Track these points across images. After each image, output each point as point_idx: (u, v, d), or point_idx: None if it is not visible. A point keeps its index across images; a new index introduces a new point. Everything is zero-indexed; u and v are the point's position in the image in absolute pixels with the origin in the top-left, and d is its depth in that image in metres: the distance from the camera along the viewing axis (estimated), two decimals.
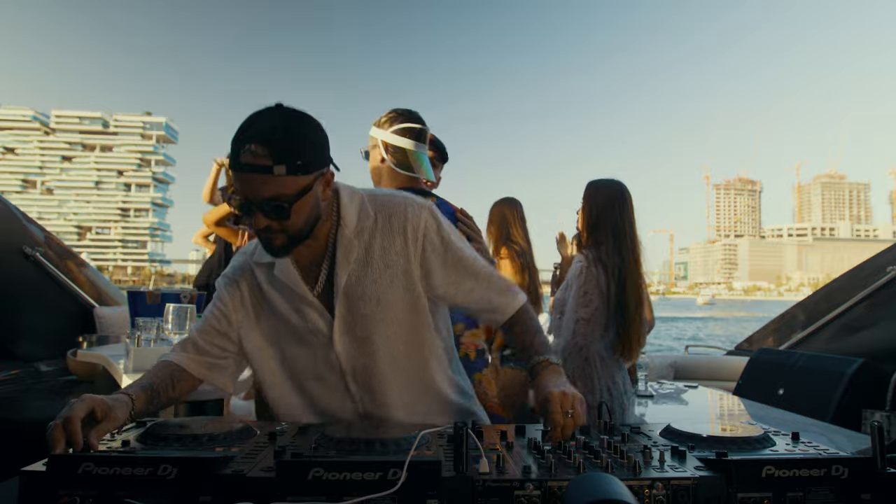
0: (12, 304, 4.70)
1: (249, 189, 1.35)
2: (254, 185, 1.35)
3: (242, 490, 1.00)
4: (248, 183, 1.35)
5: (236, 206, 1.39)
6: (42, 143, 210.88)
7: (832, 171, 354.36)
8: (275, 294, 1.59)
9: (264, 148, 1.33)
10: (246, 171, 1.34)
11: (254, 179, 1.34)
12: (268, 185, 1.34)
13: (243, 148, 1.34)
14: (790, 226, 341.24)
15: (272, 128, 1.35)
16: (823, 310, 4.97)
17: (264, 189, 1.35)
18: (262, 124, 1.36)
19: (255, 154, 1.33)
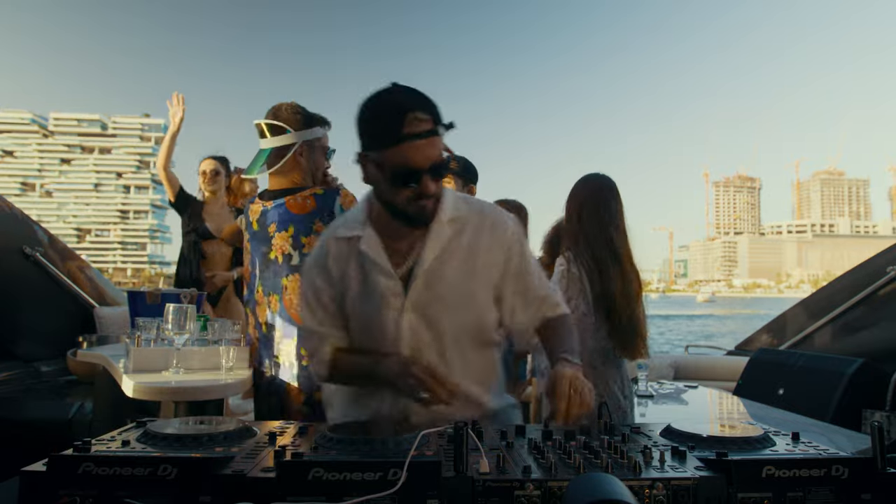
0: (12, 304, 4.71)
1: (421, 156, 1.45)
2: (425, 151, 1.45)
3: (242, 490, 1.00)
4: (420, 149, 1.45)
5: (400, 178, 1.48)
6: (41, 145, 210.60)
7: (831, 167, 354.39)
8: (356, 267, 1.67)
9: (426, 113, 1.45)
10: (418, 137, 1.43)
11: (426, 145, 1.45)
12: (436, 148, 1.47)
13: (406, 117, 1.43)
14: (790, 222, 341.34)
15: (423, 97, 1.48)
16: (823, 310, 4.97)
17: (433, 152, 1.47)
18: (409, 95, 1.48)
19: (421, 120, 1.44)
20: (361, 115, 1.54)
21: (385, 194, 1.58)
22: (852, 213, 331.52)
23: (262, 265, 2.38)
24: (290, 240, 2.28)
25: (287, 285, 2.30)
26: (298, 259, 2.27)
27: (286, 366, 2.35)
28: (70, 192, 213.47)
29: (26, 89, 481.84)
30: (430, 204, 1.55)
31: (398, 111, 1.45)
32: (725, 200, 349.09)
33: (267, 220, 2.34)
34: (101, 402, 3.72)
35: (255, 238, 2.40)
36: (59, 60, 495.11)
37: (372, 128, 1.52)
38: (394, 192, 1.53)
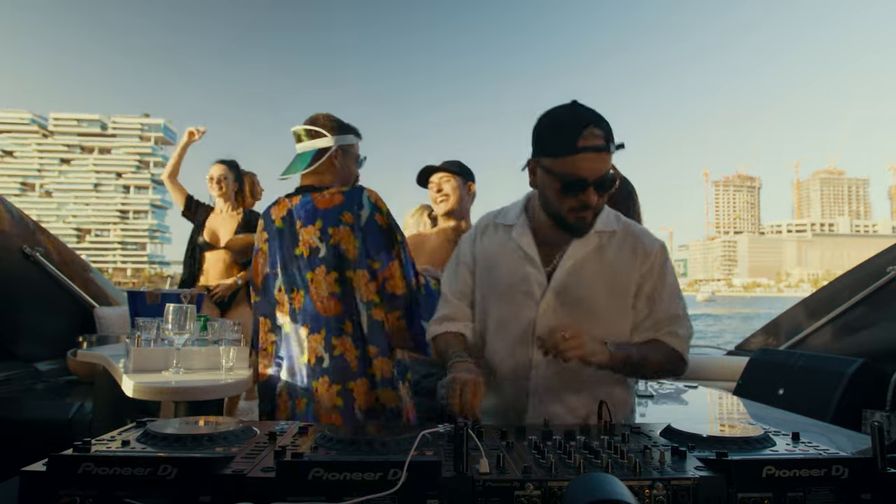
0: (12, 304, 4.71)
1: (591, 168, 1.57)
2: (596, 164, 1.57)
3: (242, 490, 1.00)
4: (592, 162, 1.56)
5: (569, 187, 1.59)
6: (40, 145, 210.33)
7: (831, 166, 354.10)
8: (505, 254, 1.82)
9: (601, 130, 1.57)
10: (591, 150, 1.55)
11: (596, 159, 1.56)
12: (605, 163, 1.58)
13: (583, 131, 1.55)
14: (789, 222, 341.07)
15: (598, 116, 1.59)
16: (823, 310, 4.97)
17: (603, 166, 1.58)
18: (586, 112, 1.59)
19: (596, 136, 1.56)
20: (540, 124, 1.66)
21: (550, 200, 1.68)
22: (852, 213, 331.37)
23: (284, 263, 2.38)
24: (318, 232, 2.28)
25: (312, 278, 2.30)
26: (325, 251, 2.27)
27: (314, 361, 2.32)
28: (70, 192, 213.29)
29: (26, 89, 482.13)
30: (590, 216, 1.67)
31: (578, 124, 1.56)
32: (725, 200, 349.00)
33: (293, 218, 2.36)
34: (101, 402, 3.72)
35: (279, 236, 2.40)
36: (59, 60, 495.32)
37: (550, 136, 1.63)
38: (560, 199, 1.64)
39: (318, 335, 2.29)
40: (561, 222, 1.70)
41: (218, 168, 4.42)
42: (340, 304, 2.27)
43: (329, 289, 2.27)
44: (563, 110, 1.63)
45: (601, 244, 1.77)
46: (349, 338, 2.27)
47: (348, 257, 2.26)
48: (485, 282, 1.86)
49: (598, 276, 1.75)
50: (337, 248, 2.26)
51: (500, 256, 1.82)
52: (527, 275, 1.76)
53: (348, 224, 2.26)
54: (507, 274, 1.79)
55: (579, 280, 1.74)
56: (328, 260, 2.27)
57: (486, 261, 1.85)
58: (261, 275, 2.50)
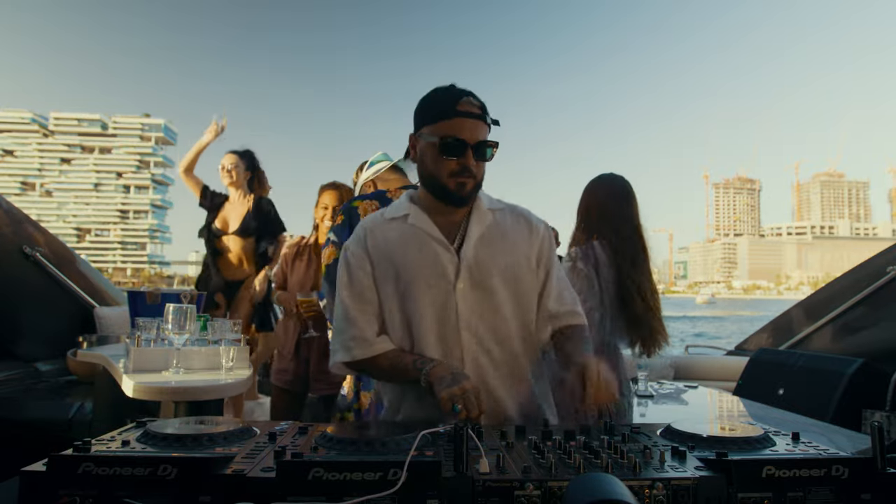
0: (12, 304, 4.71)
1: (469, 131, 1.66)
2: (474, 129, 1.67)
3: (242, 490, 1.00)
4: (470, 126, 1.66)
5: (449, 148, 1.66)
6: (41, 145, 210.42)
7: (831, 169, 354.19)
8: (407, 244, 1.77)
9: (478, 101, 1.70)
10: (468, 116, 1.66)
11: (474, 124, 1.67)
12: (482, 131, 1.69)
13: (462, 99, 1.67)
14: (789, 224, 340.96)
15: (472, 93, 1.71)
16: (823, 310, 4.97)
17: (480, 133, 1.68)
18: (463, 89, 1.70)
19: (473, 105, 1.68)
20: (422, 101, 1.75)
21: (429, 168, 1.73)
22: (852, 216, 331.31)
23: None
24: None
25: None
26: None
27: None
28: (70, 191, 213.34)
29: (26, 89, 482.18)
30: (470, 184, 1.70)
31: (455, 94, 1.69)
32: (725, 202, 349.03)
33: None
34: (101, 402, 3.72)
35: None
36: (59, 60, 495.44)
37: (430, 106, 1.72)
38: (439, 164, 1.70)
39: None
40: (441, 191, 1.73)
41: (229, 158, 4.47)
42: None
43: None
44: (443, 87, 1.74)
45: (496, 219, 1.81)
46: None
47: None
48: (390, 276, 1.77)
49: (504, 250, 1.78)
50: None
51: (403, 246, 1.77)
52: (437, 256, 1.74)
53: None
54: (417, 260, 1.75)
55: (488, 255, 1.75)
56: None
57: (388, 255, 1.78)
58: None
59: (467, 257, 1.73)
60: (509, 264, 1.77)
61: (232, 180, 4.45)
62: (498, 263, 1.75)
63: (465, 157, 1.67)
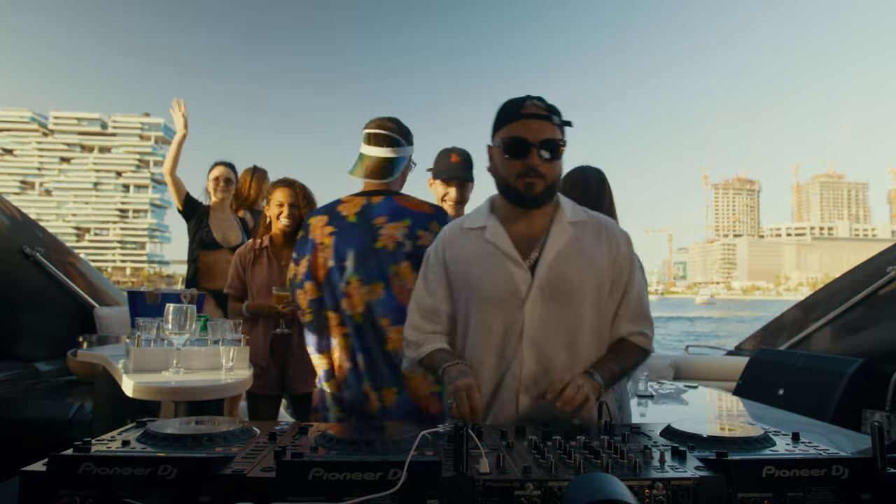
0: (12, 304, 4.71)
1: (533, 131, 1.68)
2: (538, 129, 1.68)
3: (242, 490, 1.00)
4: (534, 126, 1.68)
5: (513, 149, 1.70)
6: (40, 144, 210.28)
7: (831, 170, 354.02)
8: (482, 256, 1.79)
9: (543, 102, 1.72)
10: (532, 117, 1.69)
11: (539, 124, 1.68)
12: (548, 130, 1.69)
13: (525, 102, 1.71)
14: (789, 225, 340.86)
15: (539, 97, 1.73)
16: (823, 310, 4.98)
17: (546, 132, 1.69)
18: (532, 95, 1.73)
19: (537, 105, 1.70)
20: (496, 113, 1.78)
21: (500, 172, 1.76)
22: (851, 217, 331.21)
23: (360, 255, 2.39)
24: (406, 230, 2.36)
25: (397, 272, 2.35)
26: (411, 248, 2.35)
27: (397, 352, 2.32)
28: (69, 190, 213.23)
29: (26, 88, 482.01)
30: (540, 184, 1.71)
31: (520, 98, 1.73)
32: (725, 203, 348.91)
33: (372, 213, 2.41)
34: (101, 402, 3.72)
35: (352, 230, 2.42)
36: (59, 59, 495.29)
37: (499, 114, 1.76)
38: (507, 166, 1.73)
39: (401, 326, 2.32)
40: (513, 194, 1.75)
41: (222, 169, 4.44)
42: None
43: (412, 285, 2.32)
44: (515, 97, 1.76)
45: (576, 234, 1.79)
46: None
47: None
48: (463, 287, 1.82)
49: (579, 267, 1.76)
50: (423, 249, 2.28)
51: (478, 259, 1.79)
52: (510, 273, 1.74)
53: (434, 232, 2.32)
54: (489, 276, 1.76)
55: (562, 272, 1.74)
56: (413, 257, 2.34)
57: (463, 267, 1.82)
58: (323, 269, 2.46)
59: (541, 276, 1.73)
60: (584, 282, 1.76)
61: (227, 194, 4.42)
62: (572, 282, 1.74)
63: (529, 156, 1.68)
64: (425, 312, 1.88)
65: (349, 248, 2.41)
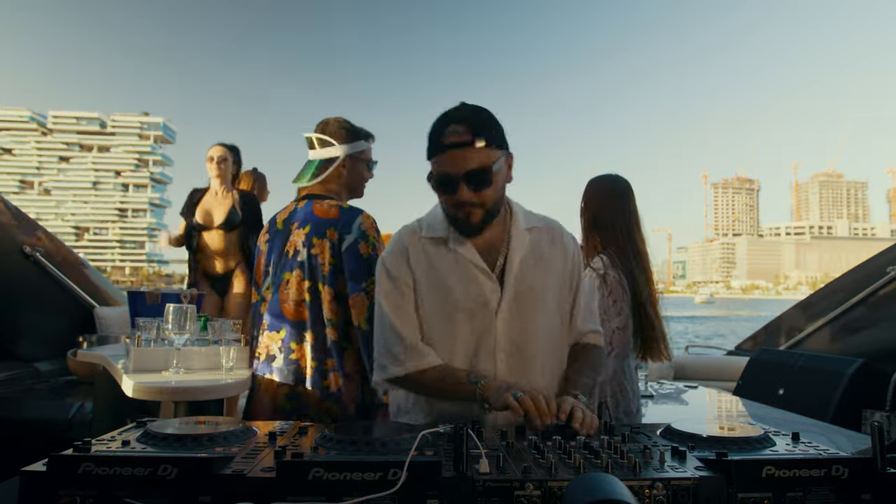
0: (12, 304, 4.71)
1: (455, 164, 1.59)
2: (460, 160, 1.58)
3: (242, 490, 1.00)
4: (456, 158, 1.58)
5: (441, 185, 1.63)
6: (39, 143, 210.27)
7: (830, 169, 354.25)
8: (449, 272, 1.74)
9: (465, 126, 1.58)
10: (454, 147, 1.58)
11: (461, 154, 1.58)
12: (472, 158, 1.58)
13: (446, 129, 1.59)
14: (788, 224, 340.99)
15: (467, 112, 1.62)
16: (823, 310, 4.97)
17: (469, 161, 1.58)
18: (456, 112, 1.62)
19: (458, 132, 1.58)
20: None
21: (441, 203, 1.72)
22: (850, 216, 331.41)
23: (276, 262, 2.41)
24: (304, 237, 2.32)
25: (288, 280, 2.33)
26: (304, 257, 2.30)
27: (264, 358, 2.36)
28: (68, 190, 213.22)
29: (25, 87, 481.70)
30: (477, 213, 1.65)
31: (441, 123, 1.61)
32: (724, 202, 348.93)
33: (292, 219, 2.41)
34: (101, 402, 3.72)
35: (278, 235, 2.43)
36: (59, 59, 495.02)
37: (428, 142, 1.66)
38: (442, 199, 1.68)
39: (277, 334, 2.34)
40: (453, 222, 1.71)
41: (218, 149, 4.46)
42: (307, 313, 2.30)
43: (300, 295, 2.31)
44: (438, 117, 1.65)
45: (533, 240, 1.79)
46: (308, 346, 2.29)
47: (322, 271, 2.29)
48: (431, 300, 1.75)
49: (542, 273, 1.78)
50: (315, 258, 2.30)
51: (448, 272, 1.74)
52: (481, 286, 1.72)
53: (330, 240, 2.29)
54: (459, 287, 1.72)
55: (528, 281, 1.75)
56: (304, 267, 2.30)
57: (431, 279, 1.75)
58: (260, 274, 2.52)
59: (509, 285, 1.72)
60: (547, 287, 1.78)
61: (220, 172, 4.44)
62: (537, 288, 1.76)
63: (457, 191, 1.61)
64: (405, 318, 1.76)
65: (272, 254, 2.44)
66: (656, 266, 2.88)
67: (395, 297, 1.76)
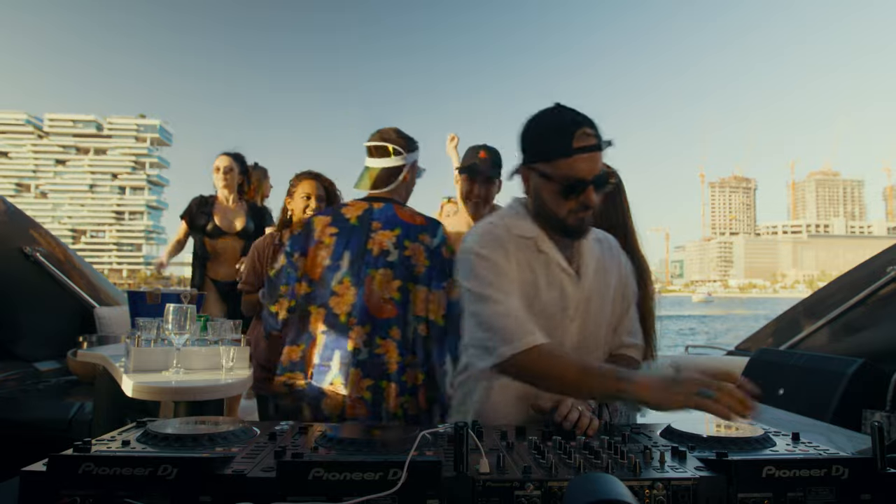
0: (12, 304, 4.70)
1: (588, 168, 1.56)
2: (592, 164, 1.56)
3: (242, 490, 1.00)
4: (588, 162, 1.56)
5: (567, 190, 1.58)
6: (36, 146, 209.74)
7: (826, 168, 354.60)
8: (541, 270, 1.71)
9: (592, 129, 1.57)
10: (587, 150, 1.55)
11: (593, 158, 1.56)
12: (599, 161, 1.58)
13: (577, 131, 1.55)
14: (785, 223, 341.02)
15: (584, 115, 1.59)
16: (823, 310, 4.97)
17: (599, 165, 1.58)
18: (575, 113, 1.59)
19: (589, 135, 1.56)
20: (528, 130, 1.66)
21: (548, 205, 1.66)
22: (847, 214, 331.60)
23: (354, 256, 2.46)
24: (395, 239, 2.43)
25: (374, 276, 2.41)
26: (396, 258, 2.42)
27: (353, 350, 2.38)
28: (65, 192, 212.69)
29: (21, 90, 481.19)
30: (588, 215, 1.65)
31: (570, 125, 1.56)
32: (721, 201, 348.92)
33: (370, 219, 2.49)
34: (101, 402, 3.71)
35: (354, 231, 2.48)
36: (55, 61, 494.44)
37: (543, 141, 1.61)
38: (559, 203, 1.62)
39: (363, 328, 2.39)
40: (560, 226, 1.67)
41: (224, 159, 4.47)
42: (396, 310, 2.40)
43: (389, 293, 2.40)
44: (551, 114, 1.63)
45: (597, 248, 1.80)
46: (394, 342, 2.38)
47: (416, 273, 2.42)
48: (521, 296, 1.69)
49: (607, 283, 1.79)
50: (408, 260, 2.42)
51: (538, 273, 1.70)
52: (564, 289, 1.70)
53: (424, 244, 2.44)
54: (547, 291, 1.70)
55: (598, 288, 1.76)
56: (397, 267, 2.41)
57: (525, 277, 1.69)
58: (320, 267, 2.49)
59: (585, 290, 1.73)
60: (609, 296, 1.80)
61: (226, 182, 4.45)
62: (604, 296, 1.78)
63: (585, 195, 1.59)
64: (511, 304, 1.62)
65: (346, 249, 2.46)
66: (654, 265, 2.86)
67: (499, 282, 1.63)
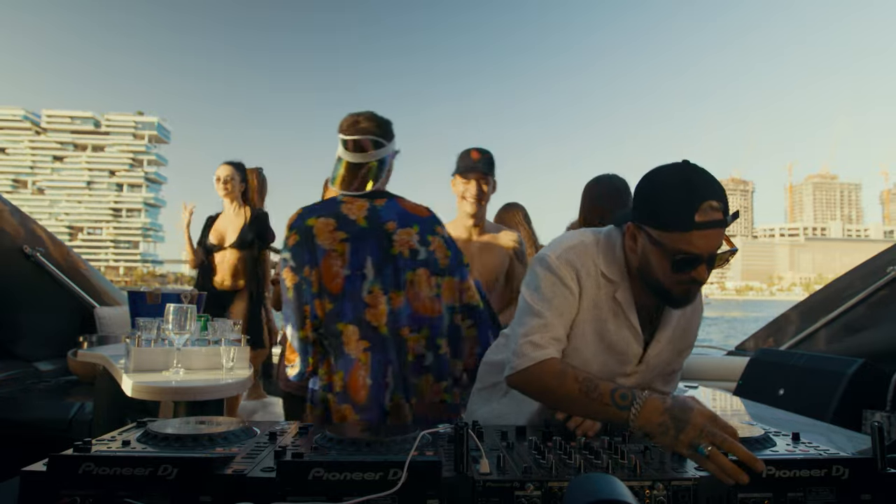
0: (12, 304, 4.70)
1: (706, 245, 1.44)
2: (712, 240, 1.44)
3: (242, 490, 1.00)
4: (708, 238, 1.43)
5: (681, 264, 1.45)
6: (33, 142, 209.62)
7: (824, 171, 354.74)
8: (609, 312, 1.64)
9: (721, 204, 1.43)
10: (708, 227, 1.42)
11: (714, 235, 1.43)
12: (720, 238, 1.46)
13: (701, 205, 1.41)
14: (782, 226, 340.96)
15: (713, 183, 1.45)
16: (823, 310, 4.97)
17: (717, 241, 1.46)
18: (702, 182, 1.44)
19: (714, 209, 1.42)
20: (649, 189, 1.52)
21: (654, 272, 1.53)
22: (844, 217, 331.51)
23: (378, 263, 2.25)
24: (417, 236, 2.29)
25: (413, 279, 2.26)
26: (425, 255, 2.28)
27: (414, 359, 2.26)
28: (62, 189, 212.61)
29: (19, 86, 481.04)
30: (696, 290, 1.55)
31: (695, 198, 1.42)
32: None
33: (380, 218, 2.28)
34: (101, 402, 3.71)
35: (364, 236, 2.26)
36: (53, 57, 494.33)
37: (661, 207, 1.47)
38: (667, 274, 1.50)
39: (419, 334, 2.26)
40: (662, 294, 1.56)
41: (225, 169, 4.47)
42: (441, 307, 2.30)
43: (431, 291, 2.30)
44: (677, 178, 1.47)
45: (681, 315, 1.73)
46: (446, 339, 2.31)
47: (441, 266, 2.31)
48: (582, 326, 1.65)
49: (680, 350, 1.79)
50: (433, 254, 2.30)
51: (606, 313, 1.64)
52: (627, 342, 1.66)
53: (440, 235, 2.34)
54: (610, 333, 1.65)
55: (664, 356, 1.74)
56: (430, 264, 2.29)
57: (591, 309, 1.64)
58: (339, 278, 2.25)
59: (649, 358, 1.69)
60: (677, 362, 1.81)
61: (228, 191, 4.45)
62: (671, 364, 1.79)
63: (698, 271, 1.47)
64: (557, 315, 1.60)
65: (366, 256, 2.24)
66: None
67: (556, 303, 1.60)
